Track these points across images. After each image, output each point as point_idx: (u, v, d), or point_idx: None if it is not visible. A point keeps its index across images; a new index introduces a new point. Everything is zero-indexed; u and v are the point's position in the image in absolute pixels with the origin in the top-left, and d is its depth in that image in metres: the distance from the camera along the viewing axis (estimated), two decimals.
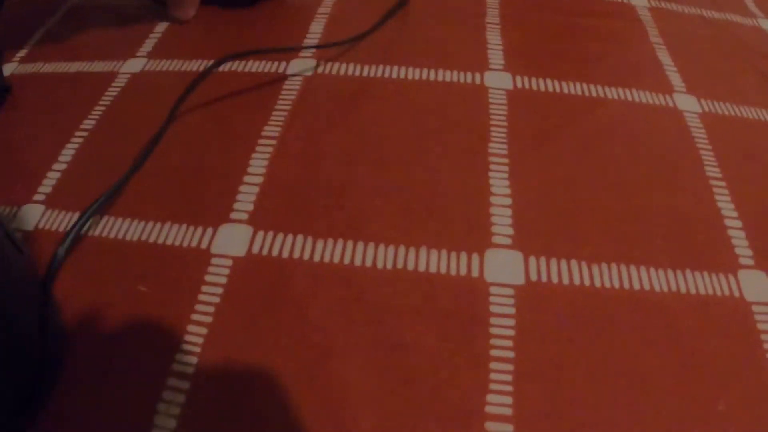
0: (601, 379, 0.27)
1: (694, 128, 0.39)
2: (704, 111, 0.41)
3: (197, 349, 0.28)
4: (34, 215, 0.34)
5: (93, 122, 0.40)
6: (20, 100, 0.42)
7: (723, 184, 0.36)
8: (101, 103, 0.41)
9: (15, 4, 0.51)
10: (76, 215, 0.33)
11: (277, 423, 0.26)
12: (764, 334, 0.29)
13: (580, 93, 0.41)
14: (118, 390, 0.27)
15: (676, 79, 0.44)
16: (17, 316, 0.24)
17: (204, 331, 0.28)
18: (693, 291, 0.30)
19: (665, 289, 0.30)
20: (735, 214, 0.34)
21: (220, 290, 0.30)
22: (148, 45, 0.46)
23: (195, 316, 0.29)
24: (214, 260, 0.31)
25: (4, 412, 0.25)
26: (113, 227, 0.33)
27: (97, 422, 0.26)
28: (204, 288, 0.30)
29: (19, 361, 0.25)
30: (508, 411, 0.26)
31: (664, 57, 0.46)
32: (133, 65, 0.44)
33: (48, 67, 0.45)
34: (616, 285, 0.30)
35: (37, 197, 0.35)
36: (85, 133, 0.39)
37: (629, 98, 0.41)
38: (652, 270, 0.31)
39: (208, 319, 0.29)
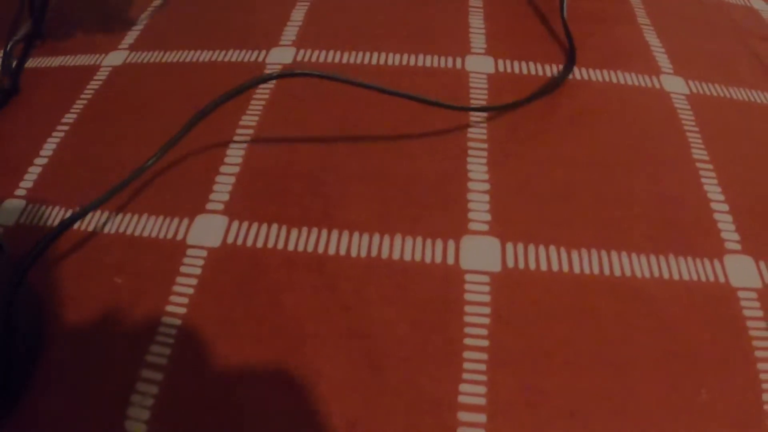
0: (580, 368, 0.27)
1: (681, 110, 0.39)
2: (692, 92, 0.40)
3: (171, 340, 0.28)
4: (15, 210, 0.34)
5: (74, 116, 0.39)
6: None
7: (710, 167, 0.35)
8: (83, 96, 0.41)
9: None
10: (57, 209, 0.33)
11: (251, 412, 0.25)
12: (750, 321, 0.28)
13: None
14: (93, 382, 0.27)
15: (663, 60, 0.43)
16: None
17: (178, 322, 0.28)
18: (676, 277, 0.30)
19: (647, 275, 0.30)
20: (722, 197, 0.34)
21: (194, 281, 0.30)
22: (130, 37, 0.46)
23: (169, 307, 0.29)
24: (189, 251, 0.31)
25: None
26: (90, 220, 0.33)
27: (72, 415, 0.26)
28: (179, 279, 0.30)
29: None
30: (482, 401, 0.26)
31: (652, 38, 0.45)
32: (115, 58, 0.44)
33: (30, 62, 0.45)
34: (597, 271, 0.30)
35: (18, 192, 0.35)
36: (66, 127, 0.39)
37: (614, 80, 0.41)
38: (634, 256, 0.31)
39: (183, 310, 0.29)
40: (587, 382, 0.26)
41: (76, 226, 0.32)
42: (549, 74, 0.41)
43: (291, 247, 0.31)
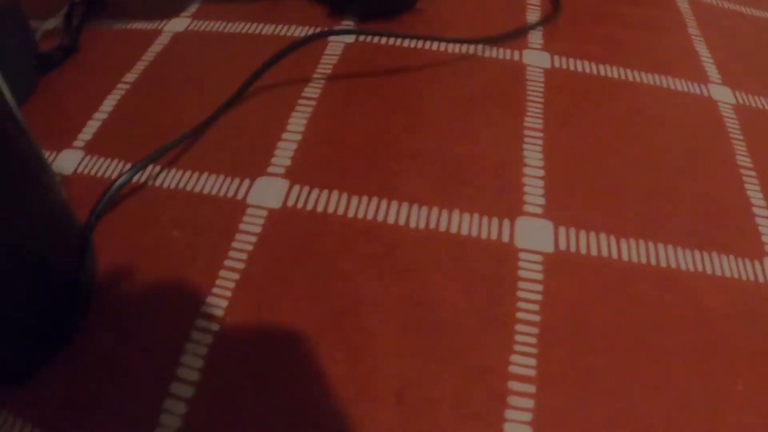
0: (623, 350, 0.27)
1: (728, 119, 0.39)
2: (738, 103, 0.41)
3: (228, 293, 0.28)
4: (74, 160, 0.35)
5: (135, 76, 0.40)
6: None
7: (753, 174, 0.36)
8: (144, 58, 0.42)
9: None
10: (114, 162, 0.34)
11: (302, 369, 0.26)
12: None
13: (616, 76, 0.42)
14: (146, 329, 0.27)
15: (712, 70, 0.44)
16: (51, 252, 0.25)
17: (236, 276, 0.29)
18: (718, 273, 0.31)
19: (690, 268, 0.31)
20: (763, 203, 0.34)
21: (254, 239, 0.30)
22: (193, 6, 0.47)
23: (228, 262, 0.29)
24: (249, 210, 0.32)
25: (31, 343, 0.25)
26: (150, 174, 0.33)
27: (122, 360, 0.26)
28: (238, 236, 0.31)
29: (51, 295, 0.25)
30: (532, 372, 0.26)
31: (701, 48, 0.46)
32: (177, 24, 0.45)
33: (93, 24, 0.46)
34: (643, 260, 0.31)
35: (76, 144, 0.35)
36: (126, 86, 0.39)
37: (664, 85, 0.41)
38: (678, 249, 0.31)
39: (241, 265, 0.29)
40: (629, 363, 0.27)
41: (135, 179, 0.33)
42: (603, 73, 0.42)
43: (351, 213, 0.31)
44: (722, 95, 0.41)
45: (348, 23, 0.45)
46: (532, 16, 0.47)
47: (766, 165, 0.37)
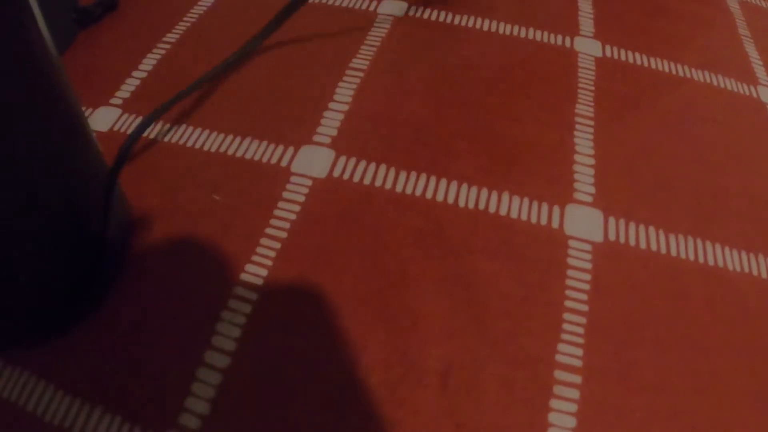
0: (669, 345, 0.27)
1: None
2: None
3: (269, 262, 0.28)
4: (110, 117, 0.34)
5: (176, 36, 0.40)
6: None
7: None
8: (186, 19, 0.41)
9: None
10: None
11: (343, 345, 0.25)
12: None
13: (666, 70, 0.41)
14: (182, 294, 0.27)
15: (761, 72, 0.43)
16: (86, 201, 0.24)
17: (277, 245, 0.28)
18: (765, 276, 0.30)
19: (738, 269, 0.30)
20: None
21: (297, 208, 0.30)
22: None
23: (269, 230, 0.29)
24: (293, 179, 0.31)
25: (62, 295, 0.25)
26: (192, 136, 0.33)
27: (155, 328, 0.26)
28: (281, 204, 0.30)
29: (85, 242, 0.24)
30: (578, 362, 0.26)
31: (751, 50, 0.45)
32: None
33: None
34: (691, 257, 0.30)
35: (114, 101, 0.35)
36: (167, 46, 0.39)
37: (714, 82, 0.41)
38: (726, 248, 0.31)
39: (283, 234, 0.29)
40: (674, 359, 0.26)
41: (174, 140, 0.32)
42: (654, 66, 0.41)
43: (399, 189, 0.31)
44: None
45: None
46: (584, 3, 0.47)
47: None
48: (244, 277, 0.27)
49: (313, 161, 0.32)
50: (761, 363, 0.27)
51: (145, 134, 0.33)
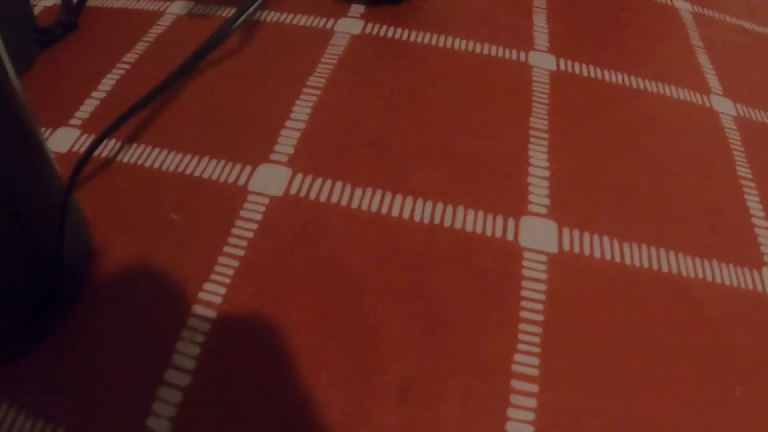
0: (625, 352, 0.27)
1: (729, 129, 0.40)
2: (739, 115, 0.41)
3: (227, 280, 0.28)
4: (69, 138, 0.34)
5: (135, 56, 0.40)
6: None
7: (753, 185, 0.36)
8: (145, 39, 0.41)
9: None
10: (110, 142, 0.34)
11: (301, 361, 0.26)
12: None
13: (620, 82, 0.42)
14: (142, 313, 0.27)
15: (714, 81, 0.44)
16: (43, 221, 0.24)
17: (235, 263, 0.28)
18: (719, 281, 0.31)
19: (692, 275, 0.31)
20: (762, 214, 0.34)
21: (254, 226, 0.30)
22: None
23: (227, 249, 0.29)
24: (250, 197, 0.31)
25: (21, 315, 0.25)
26: (150, 156, 0.33)
27: (115, 347, 0.26)
28: (238, 222, 0.30)
29: (39, 266, 0.25)
30: (535, 371, 0.26)
31: (704, 60, 0.46)
32: (180, 7, 0.44)
33: (94, 2, 0.45)
34: (646, 265, 0.30)
35: (73, 121, 0.35)
36: (126, 66, 0.39)
37: (667, 93, 0.42)
38: (681, 255, 0.31)
39: (240, 252, 0.29)
40: (632, 365, 0.27)
41: (134, 160, 0.33)
42: (608, 79, 0.42)
43: (355, 205, 0.31)
44: (724, 106, 0.42)
45: (356, 12, 0.45)
46: (539, 18, 0.47)
47: (765, 177, 0.37)
48: (202, 295, 0.27)
49: (270, 179, 0.32)
50: (717, 365, 0.27)
51: (104, 155, 0.33)
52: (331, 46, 0.41)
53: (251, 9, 0.33)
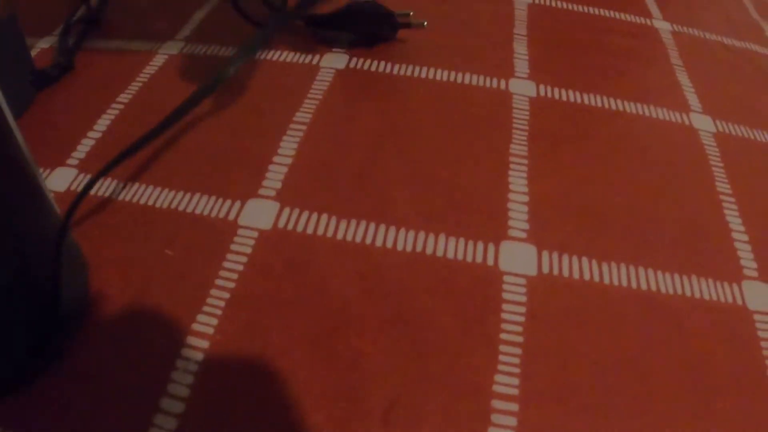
0: (605, 369, 0.28)
1: (708, 146, 0.41)
2: (719, 131, 0.42)
3: (218, 312, 0.29)
4: (67, 177, 0.35)
5: (129, 97, 0.41)
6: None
7: (732, 200, 0.37)
8: (138, 79, 0.43)
9: None
10: (107, 181, 0.35)
11: (291, 387, 0.27)
12: (764, 341, 0.30)
13: (600, 105, 0.43)
14: (138, 345, 0.28)
15: (693, 99, 0.45)
16: (42, 258, 0.25)
17: (226, 295, 0.30)
18: (698, 296, 0.32)
19: (671, 291, 0.32)
20: (742, 228, 0.35)
21: (245, 259, 0.31)
22: (187, 29, 0.48)
23: (219, 281, 0.30)
24: (240, 231, 0.32)
25: (18, 353, 0.26)
26: (144, 194, 0.34)
27: (113, 378, 0.27)
28: (229, 256, 0.31)
29: (34, 307, 0.26)
30: (515, 391, 0.27)
31: (683, 78, 0.47)
32: (172, 47, 0.46)
33: (89, 44, 0.47)
34: (625, 284, 0.31)
35: (70, 161, 0.36)
36: (121, 106, 0.40)
37: (647, 113, 0.43)
38: (659, 273, 0.32)
39: (231, 285, 0.30)
40: (611, 382, 0.28)
41: (128, 198, 0.34)
42: (587, 102, 0.43)
43: (340, 236, 0.32)
44: (703, 124, 0.43)
45: (340, 47, 0.46)
46: (519, 46, 0.49)
47: (745, 191, 0.38)
48: (195, 326, 0.28)
49: (259, 214, 0.33)
50: (696, 378, 0.28)
51: (100, 193, 0.34)
52: (317, 81, 0.43)
53: (249, 54, 0.35)
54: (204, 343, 0.28)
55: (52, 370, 0.27)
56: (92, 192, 0.34)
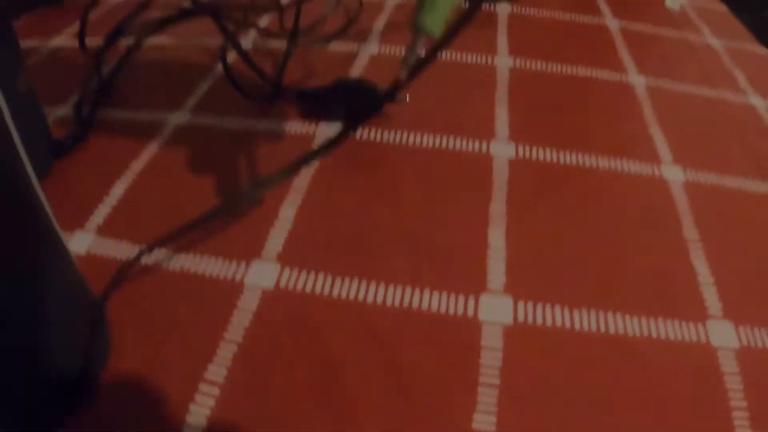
0: (575, 406, 0.31)
1: (677, 195, 0.44)
2: (688, 180, 0.45)
3: (228, 363, 0.32)
4: (85, 241, 0.39)
5: (141, 165, 0.45)
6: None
7: (700, 245, 0.40)
8: (149, 148, 0.46)
9: (68, 53, 0.57)
10: (123, 243, 0.39)
11: (295, 427, 0.30)
12: (727, 375, 0.33)
13: (575, 162, 0.46)
14: (154, 394, 0.31)
15: (665, 151, 0.48)
16: (70, 315, 0.29)
17: (235, 348, 0.33)
18: (664, 336, 0.34)
19: (638, 334, 0.34)
20: (708, 271, 0.38)
21: (250, 316, 0.34)
22: (193, 100, 0.52)
23: (227, 335, 0.34)
24: (246, 290, 0.36)
25: (40, 411, 0.29)
26: (158, 256, 0.38)
27: (133, 422, 0.30)
28: (235, 312, 0.35)
29: (61, 368, 0.29)
30: (492, 428, 0.30)
31: (656, 131, 0.50)
32: (179, 117, 0.50)
33: (100, 113, 0.51)
34: (594, 329, 0.35)
35: (88, 226, 0.40)
36: (134, 174, 0.44)
37: (619, 168, 0.46)
38: (627, 317, 0.35)
39: (239, 338, 0.33)
40: (583, 419, 0.31)
41: (143, 260, 0.37)
42: (563, 160, 0.47)
43: (335, 293, 0.36)
44: (673, 174, 0.46)
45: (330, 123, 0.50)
46: (500, 109, 0.52)
47: (712, 235, 0.41)
48: (207, 375, 0.32)
49: (263, 274, 0.37)
50: (664, 412, 0.31)
51: (117, 257, 0.38)
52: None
53: (289, 174, 0.37)
54: (215, 390, 0.31)
55: (74, 419, 0.30)
56: (109, 255, 0.38)
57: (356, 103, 0.49)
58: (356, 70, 0.57)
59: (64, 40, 0.63)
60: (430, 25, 0.34)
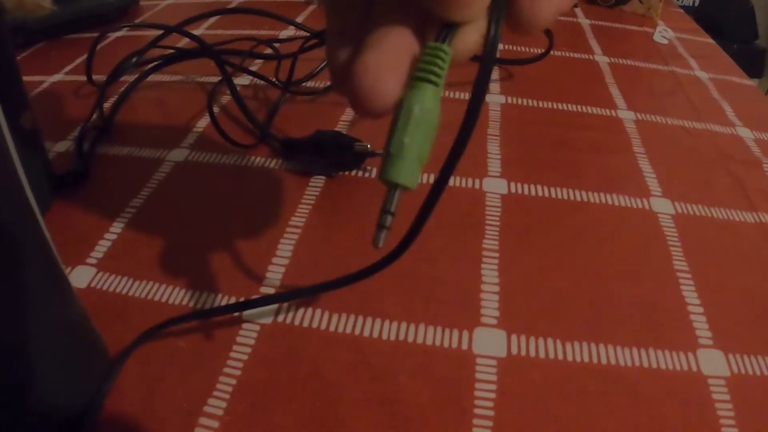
0: None
1: (666, 227, 0.45)
2: (677, 212, 0.46)
3: (227, 396, 0.33)
4: (87, 275, 0.40)
5: (141, 201, 0.46)
6: None
7: (689, 276, 0.41)
8: (148, 185, 0.47)
9: (67, 88, 0.58)
10: (124, 278, 0.40)
11: None
12: (717, 403, 0.33)
13: (565, 197, 0.47)
14: (154, 426, 0.32)
15: (653, 184, 0.49)
16: (68, 359, 0.30)
17: (233, 381, 0.34)
18: (655, 366, 0.35)
19: (630, 364, 0.35)
20: (698, 301, 0.39)
21: (248, 350, 0.35)
22: (191, 138, 0.53)
23: (227, 369, 0.34)
24: (245, 325, 0.36)
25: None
26: (158, 291, 0.39)
27: None
28: (235, 347, 0.35)
29: (62, 402, 0.30)
30: None
31: (645, 165, 0.51)
32: (177, 155, 0.51)
33: (100, 149, 0.52)
34: (586, 360, 0.35)
35: (89, 260, 0.41)
36: (134, 210, 0.45)
37: (609, 202, 0.47)
38: (618, 348, 0.36)
39: (238, 372, 0.34)
40: None
41: (143, 295, 0.39)
42: (554, 196, 0.48)
43: (332, 328, 0.37)
44: (662, 207, 0.47)
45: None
46: (492, 146, 0.53)
47: (700, 266, 0.42)
48: (207, 408, 0.32)
49: (261, 310, 0.37)
50: None
51: (118, 290, 0.39)
52: (309, 187, 0.48)
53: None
54: (214, 423, 0.32)
55: None
56: (110, 288, 0.39)
57: (333, 156, 0.50)
58: (343, 124, 0.58)
59: (63, 75, 0.64)
60: (404, 177, 0.25)
